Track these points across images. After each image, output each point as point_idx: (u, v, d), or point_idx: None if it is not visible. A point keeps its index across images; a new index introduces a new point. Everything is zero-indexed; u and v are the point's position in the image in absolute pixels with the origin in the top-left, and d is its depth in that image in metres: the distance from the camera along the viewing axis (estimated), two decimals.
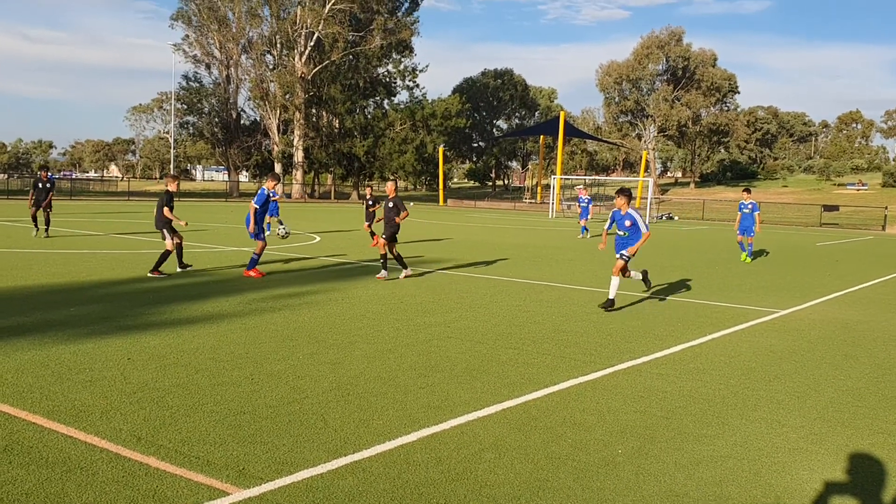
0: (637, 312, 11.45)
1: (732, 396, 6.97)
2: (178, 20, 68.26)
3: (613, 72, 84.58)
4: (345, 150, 69.59)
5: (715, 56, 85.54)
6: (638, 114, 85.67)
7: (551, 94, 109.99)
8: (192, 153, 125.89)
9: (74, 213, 31.52)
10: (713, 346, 9.19)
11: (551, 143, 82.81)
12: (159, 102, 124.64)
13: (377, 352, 8.12)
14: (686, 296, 13.50)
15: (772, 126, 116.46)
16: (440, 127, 71.59)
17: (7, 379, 6.54)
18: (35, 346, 7.74)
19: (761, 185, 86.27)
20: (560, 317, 10.80)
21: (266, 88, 67.10)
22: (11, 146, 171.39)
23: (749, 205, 20.17)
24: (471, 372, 7.41)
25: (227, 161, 73.52)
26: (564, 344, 8.92)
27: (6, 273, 13.04)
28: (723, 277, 16.70)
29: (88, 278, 12.82)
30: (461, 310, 11.03)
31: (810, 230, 43.24)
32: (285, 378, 6.93)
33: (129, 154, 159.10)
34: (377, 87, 72.39)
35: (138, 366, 7.17)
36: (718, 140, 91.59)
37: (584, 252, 21.77)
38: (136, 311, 9.95)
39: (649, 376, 7.58)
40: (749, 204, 20.17)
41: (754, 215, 20.23)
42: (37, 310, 9.79)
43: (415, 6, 72.38)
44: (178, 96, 74.76)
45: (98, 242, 19.37)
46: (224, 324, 9.32)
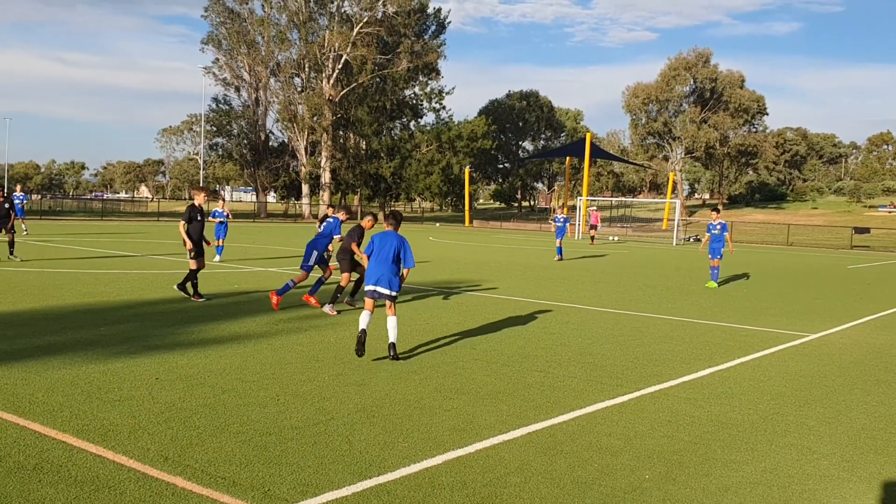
0: (664, 336, 11.36)
1: (762, 422, 6.87)
2: (208, 44, 69.42)
3: (640, 93, 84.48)
4: (371, 171, 70.02)
5: (743, 77, 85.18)
6: (665, 135, 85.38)
7: (577, 116, 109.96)
8: (221, 174, 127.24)
9: (105, 234, 31.97)
10: (742, 371, 9.08)
11: (577, 165, 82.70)
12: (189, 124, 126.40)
13: (403, 373, 8.13)
14: (714, 319, 13.36)
15: (801, 147, 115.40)
16: (466, 148, 71.82)
17: (38, 398, 6.63)
18: (66, 365, 7.84)
19: (791, 206, 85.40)
20: (586, 339, 10.74)
21: (294, 111, 67.83)
22: (45, 167, 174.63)
23: (718, 225, 19.34)
24: (496, 395, 7.38)
25: (256, 182, 74.27)
26: (591, 367, 8.87)
27: (39, 293, 13.24)
28: (751, 300, 16.52)
29: (118, 298, 12.98)
30: (486, 331, 11.01)
31: (841, 253, 42.66)
32: (311, 399, 6.95)
33: (160, 175, 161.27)
34: (404, 108, 72.88)
35: (166, 385, 7.24)
36: (746, 161, 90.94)
37: (609, 274, 21.65)
38: (164, 331, 10.05)
39: (677, 400, 7.50)
40: (718, 224, 19.37)
41: (724, 236, 19.20)
42: (68, 329, 9.93)
43: (441, 29, 72.94)
44: (208, 118, 75.81)
45: (128, 263, 19.62)
46: (251, 344, 9.38)
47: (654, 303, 15.29)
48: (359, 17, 65.05)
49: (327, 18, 66.55)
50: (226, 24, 68.34)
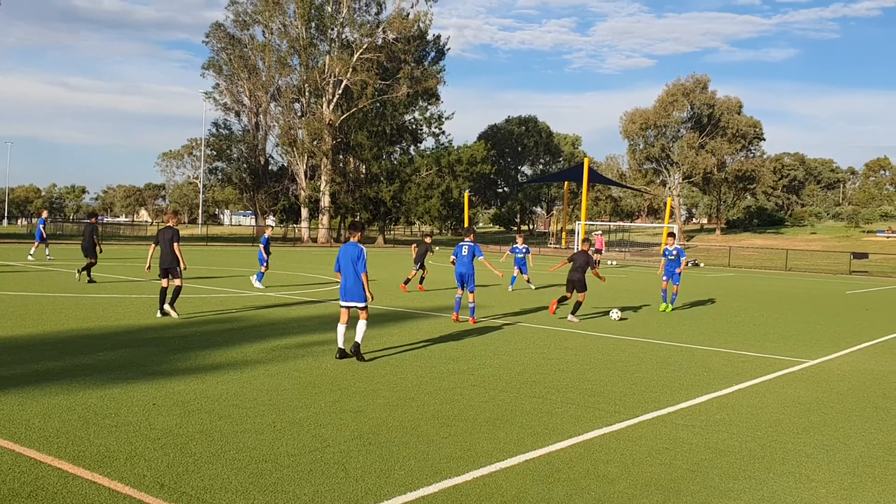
0: (662, 361, 11.35)
1: (760, 449, 6.86)
2: (209, 69, 69.86)
3: (638, 119, 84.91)
4: (371, 194, 70.21)
5: (740, 103, 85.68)
6: (663, 160, 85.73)
7: (575, 141, 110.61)
8: (221, 198, 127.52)
9: (104, 258, 31.97)
10: (740, 397, 9.07)
11: (576, 189, 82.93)
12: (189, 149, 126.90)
13: (400, 400, 8.11)
14: (712, 344, 13.35)
15: (799, 173, 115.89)
16: (466, 172, 72.08)
17: (34, 424, 6.62)
18: (63, 391, 7.83)
19: (789, 231, 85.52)
20: (584, 365, 10.72)
21: (294, 135, 68.11)
22: (46, 191, 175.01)
23: (674, 251, 19.09)
24: (494, 421, 7.37)
25: (255, 206, 74.44)
26: (589, 393, 8.85)
27: (38, 318, 13.24)
28: (750, 325, 16.52)
29: (117, 323, 12.98)
30: (485, 357, 11.00)
31: (839, 278, 42.68)
32: (307, 426, 6.94)
33: (160, 199, 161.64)
34: (404, 133, 73.23)
35: (163, 411, 7.22)
36: (744, 187, 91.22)
37: (607, 299, 21.65)
38: (161, 357, 10.04)
39: (675, 427, 7.49)
40: (674, 250, 19.09)
41: (680, 260, 18.87)
42: (66, 354, 9.92)
43: (441, 56, 73.46)
44: (208, 142, 76.17)
45: (127, 287, 19.63)
46: (248, 370, 9.37)
47: (652, 328, 15.28)
48: (359, 43, 65.54)
49: (328, 44, 67.03)
50: (227, 50, 68.83)
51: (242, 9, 68.22)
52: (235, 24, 68.74)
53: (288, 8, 66.54)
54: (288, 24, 66.67)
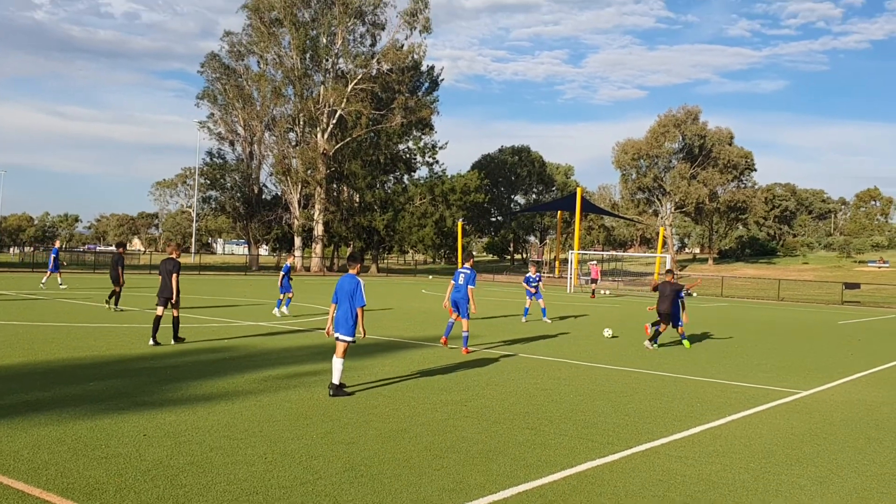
0: (656, 392, 11.33)
1: (753, 481, 6.84)
2: (204, 99, 70.14)
3: (630, 149, 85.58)
4: (365, 223, 70.35)
5: (731, 134, 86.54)
6: (655, 190, 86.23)
7: (568, 171, 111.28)
8: (214, 227, 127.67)
9: (97, 287, 31.86)
10: (733, 428, 9.05)
11: (568, 219, 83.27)
12: (183, 178, 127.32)
13: (392, 431, 8.07)
14: (705, 375, 13.34)
15: (790, 203, 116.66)
16: (459, 201, 72.37)
17: (23, 455, 6.56)
18: (52, 422, 7.77)
19: (781, 261, 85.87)
20: (578, 395, 10.70)
21: (288, 164, 68.33)
22: (38, 219, 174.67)
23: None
24: (487, 453, 7.33)
25: (248, 235, 74.39)
26: (582, 424, 8.83)
27: (28, 347, 13.16)
28: (743, 356, 16.52)
29: (108, 352, 12.91)
30: (478, 387, 10.96)
31: (832, 308, 42.79)
32: (299, 458, 6.89)
33: (153, 228, 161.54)
34: (397, 163, 73.59)
35: (154, 443, 7.17)
36: (736, 217, 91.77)
37: (601, 328, 21.63)
38: (152, 387, 9.98)
39: (668, 459, 7.46)
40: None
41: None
42: (56, 384, 9.85)
43: (435, 86, 74.06)
44: (202, 172, 76.32)
45: (119, 316, 19.54)
46: (239, 401, 9.32)
47: (645, 358, 15.27)
48: (353, 73, 66.05)
49: (322, 75, 67.55)
50: (221, 80, 69.19)
51: (238, 39, 68.81)
52: (230, 54, 69.23)
53: (283, 39, 67.15)
54: (283, 55, 67.21)
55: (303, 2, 65.99)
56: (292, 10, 65.10)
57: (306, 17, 66.87)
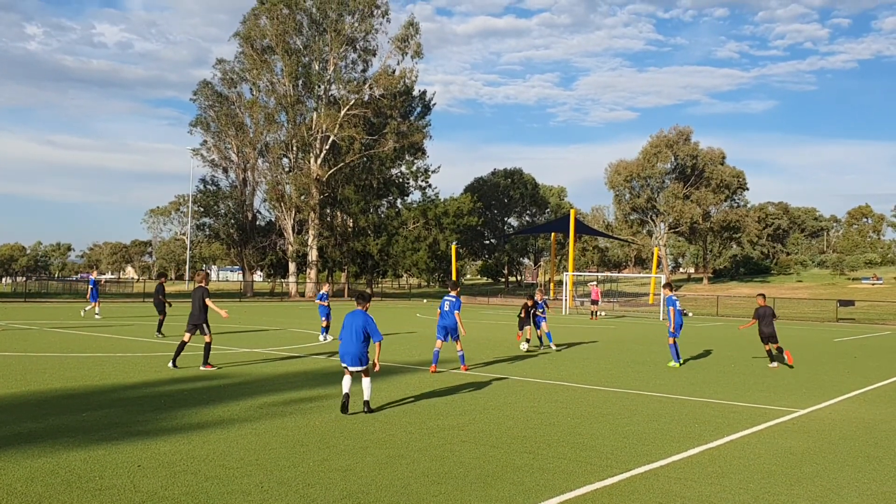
0: (653, 414, 11.28)
1: (753, 501, 6.79)
2: (197, 126, 70.33)
3: (623, 170, 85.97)
4: (358, 248, 70.37)
5: (723, 154, 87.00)
6: (648, 211, 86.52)
7: (561, 193, 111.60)
8: (207, 254, 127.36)
9: (91, 316, 31.69)
10: (732, 449, 9.01)
11: (563, 240, 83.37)
12: (176, 205, 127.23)
13: (389, 457, 8.01)
14: (703, 395, 13.30)
15: (783, 222, 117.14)
16: (452, 225, 72.47)
17: (17, 488, 6.49)
18: (46, 453, 7.69)
19: (775, 280, 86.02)
20: (575, 418, 10.65)
21: (282, 190, 68.42)
22: (31, 249, 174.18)
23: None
24: (485, 479, 7.28)
25: (242, 261, 74.29)
26: (580, 447, 8.77)
27: (21, 378, 13.06)
28: (740, 376, 16.48)
29: (101, 382, 12.82)
30: (475, 412, 10.90)
31: (826, 325, 42.81)
32: (295, 486, 6.83)
33: (146, 255, 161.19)
34: (390, 187, 73.76)
35: (148, 473, 7.10)
36: (730, 236, 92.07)
37: (596, 350, 21.60)
38: (147, 416, 9.90)
39: (668, 481, 7.42)
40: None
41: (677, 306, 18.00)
42: (49, 415, 9.77)
43: (427, 111, 74.47)
44: (196, 199, 76.29)
45: (112, 345, 19.43)
46: (234, 429, 9.25)
47: (642, 379, 15.23)
48: (346, 99, 66.37)
49: (315, 101, 67.82)
50: (214, 107, 69.44)
51: (230, 67, 69.19)
52: (223, 81, 69.55)
53: (275, 66, 67.50)
54: (276, 82, 67.54)
55: (294, 29, 66.41)
56: (284, 38, 65.50)
57: (298, 44, 67.28)
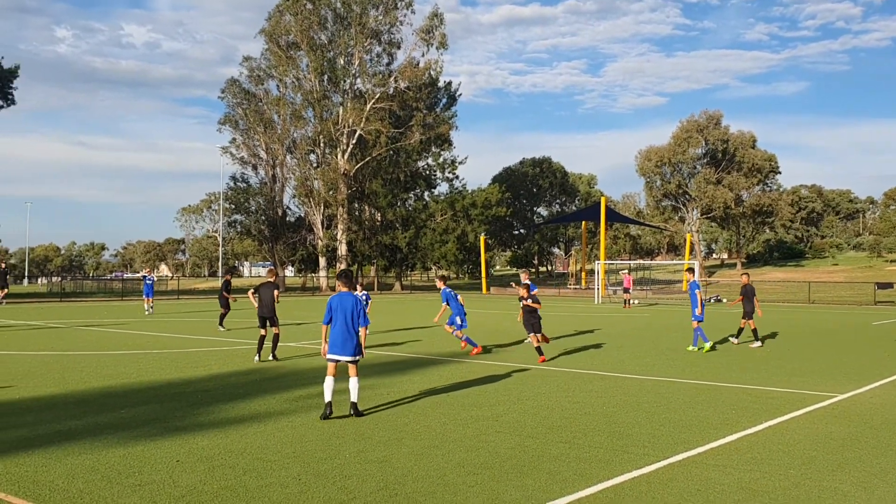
0: (689, 401, 11.17)
1: (794, 488, 6.69)
2: (225, 124, 70.91)
3: (653, 156, 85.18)
4: (387, 241, 70.55)
5: (754, 138, 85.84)
6: (680, 197, 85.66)
7: (591, 180, 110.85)
8: (240, 250, 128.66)
9: (126, 314, 32.16)
10: (770, 435, 8.89)
11: (593, 229, 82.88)
12: (208, 203, 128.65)
13: (424, 448, 8.01)
14: (739, 381, 13.14)
15: (816, 205, 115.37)
16: (481, 216, 72.33)
17: (58, 485, 6.58)
18: (86, 450, 7.80)
19: (810, 263, 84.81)
20: (611, 407, 10.57)
21: (310, 186, 68.77)
22: (65, 249, 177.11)
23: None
24: (521, 468, 7.25)
25: (274, 257, 74.85)
26: (617, 436, 8.71)
27: (60, 376, 13.27)
28: (776, 361, 16.27)
29: (139, 379, 12.98)
30: (509, 402, 10.87)
31: (864, 309, 42.11)
32: (332, 478, 6.86)
33: (179, 253, 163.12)
34: (417, 179, 73.81)
35: (187, 468, 7.17)
36: (763, 220, 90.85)
37: (631, 338, 21.44)
38: (184, 412, 10.01)
39: (706, 468, 7.33)
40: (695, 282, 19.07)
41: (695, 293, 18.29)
42: (89, 413, 9.91)
43: (453, 101, 74.32)
44: (226, 196, 77.00)
45: (148, 342, 19.68)
46: (271, 422, 9.31)
47: (677, 367, 15.09)
48: (371, 93, 66.45)
49: (341, 96, 68.00)
50: (242, 105, 69.94)
51: (256, 64, 69.58)
52: (250, 79, 70.01)
53: (301, 62, 67.77)
54: (302, 78, 67.81)
55: (319, 24, 66.59)
56: (309, 33, 65.72)
57: (323, 39, 67.47)
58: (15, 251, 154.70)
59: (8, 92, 56.58)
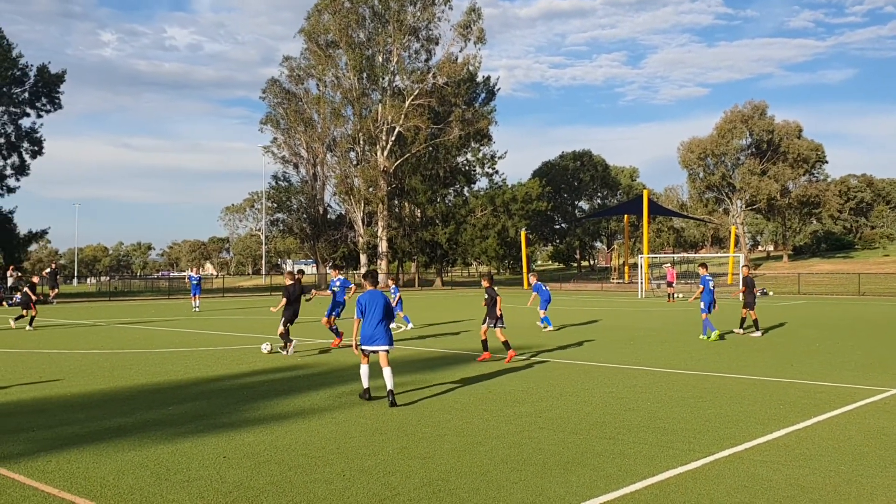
0: (735, 396, 11.00)
1: (845, 485, 6.55)
2: (267, 124, 71.69)
3: (696, 148, 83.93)
4: (427, 238, 70.70)
5: (800, 127, 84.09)
6: (724, 188, 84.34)
7: (633, 173, 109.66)
8: (282, 248, 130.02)
9: (173, 312, 32.72)
10: (820, 430, 8.71)
11: (636, 222, 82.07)
12: (251, 202, 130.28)
13: (467, 444, 8.02)
14: (786, 376, 12.91)
15: (866, 195, 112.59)
16: (521, 211, 72.08)
17: (109, 481, 6.72)
18: (135, 447, 7.96)
19: (859, 255, 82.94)
20: (655, 402, 10.46)
21: (350, 184, 69.20)
22: (113, 249, 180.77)
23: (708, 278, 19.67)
24: (565, 465, 7.21)
25: (315, 254, 75.53)
26: (662, 432, 8.61)
27: (109, 374, 13.55)
28: (825, 355, 15.94)
29: (185, 376, 13.20)
30: (552, 398, 10.82)
31: None
32: (376, 474, 6.89)
33: (224, 252, 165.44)
34: (457, 175, 73.81)
35: (233, 464, 7.27)
36: (809, 211, 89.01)
37: (676, 333, 21.19)
38: (230, 408, 10.15)
39: (753, 464, 7.21)
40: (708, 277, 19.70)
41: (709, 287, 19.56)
42: (137, 410, 10.10)
43: (491, 96, 74.15)
44: (269, 195, 77.90)
45: (194, 340, 19.99)
46: (314, 418, 9.39)
47: (722, 361, 14.88)
48: (410, 90, 66.57)
49: (380, 93, 68.24)
50: (283, 105, 70.64)
51: (296, 63, 70.16)
52: (290, 78, 70.63)
53: (340, 60, 68.17)
54: (341, 76, 68.22)
55: (357, 22, 66.92)
56: (347, 32, 66.07)
57: (361, 37, 67.78)
58: (64, 252, 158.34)
59: (55, 96, 57.95)
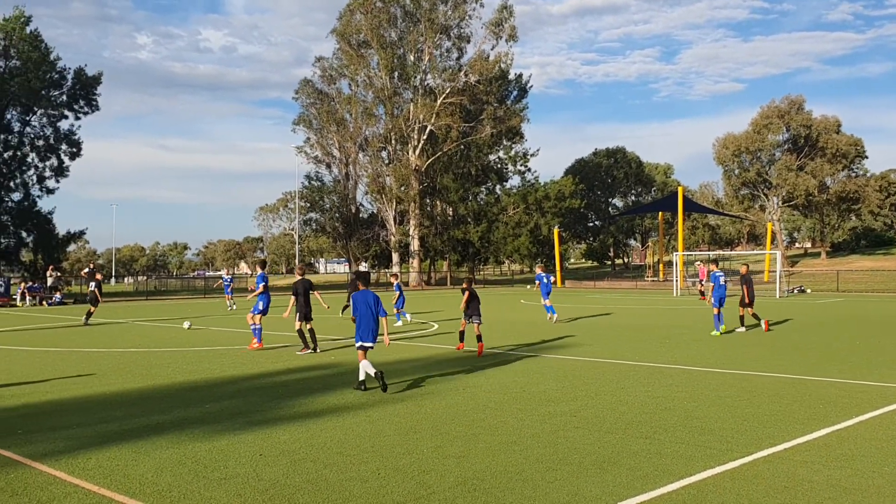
0: (774, 395, 10.83)
1: (888, 486, 6.41)
2: (300, 124, 72.30)
3: (731, 144, 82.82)
4: (459, 236, 70.68)
5: (839, 122, 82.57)
6: (759, 185, 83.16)
7: (667, 170, 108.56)
8: (315, 247, 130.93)
9: (208, 311, 33.10)
10: (862, 430, 8.54)
11: (671, 219, 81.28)
12: (284, 202, 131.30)
13: (502, 444, 7.99)
14: (826, 375, 12.68)
15: None
16: (554, 209, 71.76)
17: (148, 478, 6.81)
18: (173, 444, 8.05)
19: None
20: (691, 402, 10.34)
21: (382, 182, 69.48)
22: (149, 249, 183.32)
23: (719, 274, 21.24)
24: (601, 464, 7.15)
25: (348, 253, 75.97)
26: (698, 431, 8.51)
27: (147, 372, 13.74)
28: (866, 354, 15.64)
29: (221, 374, 13.33)
30: (587, 397, 10.75)
31: None
32: (411, 473, 6.90)
33: (258, 251, 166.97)
34: (489, 173, 73.71)
35: (269, 462, 7.32)
36: (848, 207, 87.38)
37: (709, 331, 20.93)
38: (266, 406, 10.23)
39: (792, 464, 7.10)
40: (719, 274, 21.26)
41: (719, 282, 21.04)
42: (175, 407, 10.23)
43: (523, 94, 73.95)
44: (302, 195, 78.47)
45: (230, 338, 20.19)
46: (349, 416, 9.43)
47: (760, 360, 14.67)
48: (441, 88, 66.65)
49: (411, 92, 68.42)
50: (315, 105, 71.18)
51: (329, 64, 70.68)
52: (322, 79, 71.18)
53: (371, 60, 68.49)
54: (372, 76, 68.53)
55: (389, 22, 67.15)
56: (379, 31, 66.34)
57: (393, 36, 68.00)
58: (102, 252, 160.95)
59: (92, 98, 58.91)
